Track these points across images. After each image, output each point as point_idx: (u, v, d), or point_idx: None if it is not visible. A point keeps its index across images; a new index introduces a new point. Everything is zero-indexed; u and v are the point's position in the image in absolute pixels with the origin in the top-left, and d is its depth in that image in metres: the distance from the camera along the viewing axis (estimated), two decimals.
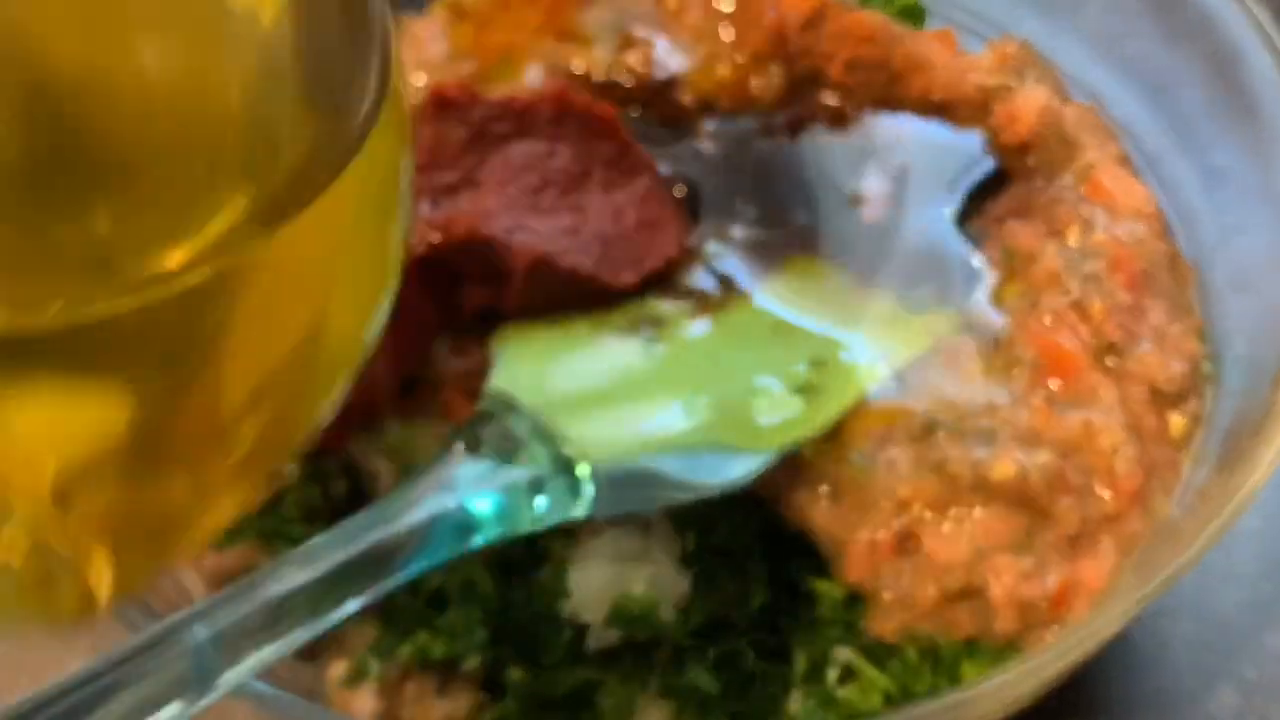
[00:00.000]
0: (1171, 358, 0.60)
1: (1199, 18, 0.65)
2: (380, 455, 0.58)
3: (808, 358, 0.57)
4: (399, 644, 0.58)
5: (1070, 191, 0.64)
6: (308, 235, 0.32)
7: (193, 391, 0.32)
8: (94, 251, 0.29)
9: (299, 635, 0.43)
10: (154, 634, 0.40)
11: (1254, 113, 0.63)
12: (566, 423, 0.52)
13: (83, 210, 0.29)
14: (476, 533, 0.49)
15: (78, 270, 0.29)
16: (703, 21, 0.68)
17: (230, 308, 0.31)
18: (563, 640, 0.59)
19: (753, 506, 0.58)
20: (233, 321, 0.31)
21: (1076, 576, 0.56)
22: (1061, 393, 0.58)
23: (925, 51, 0.66)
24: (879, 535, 0.56)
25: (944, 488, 0.56)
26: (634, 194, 0.60)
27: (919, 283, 0.61)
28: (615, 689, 0.59)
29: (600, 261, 0.58)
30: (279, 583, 0.43)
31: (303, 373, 0.35)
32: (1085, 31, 0.72)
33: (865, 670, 0.57)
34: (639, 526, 0.59)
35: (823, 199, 0.63)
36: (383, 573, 0.46)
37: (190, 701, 0.40)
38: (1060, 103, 0.66)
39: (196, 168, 0.31)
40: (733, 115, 0.66)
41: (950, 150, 0.65)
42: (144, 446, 0.31)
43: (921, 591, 0.55)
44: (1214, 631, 0.67)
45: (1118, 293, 0.60)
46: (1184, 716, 0.65)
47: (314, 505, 0.59)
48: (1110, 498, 0.57)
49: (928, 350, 0.59)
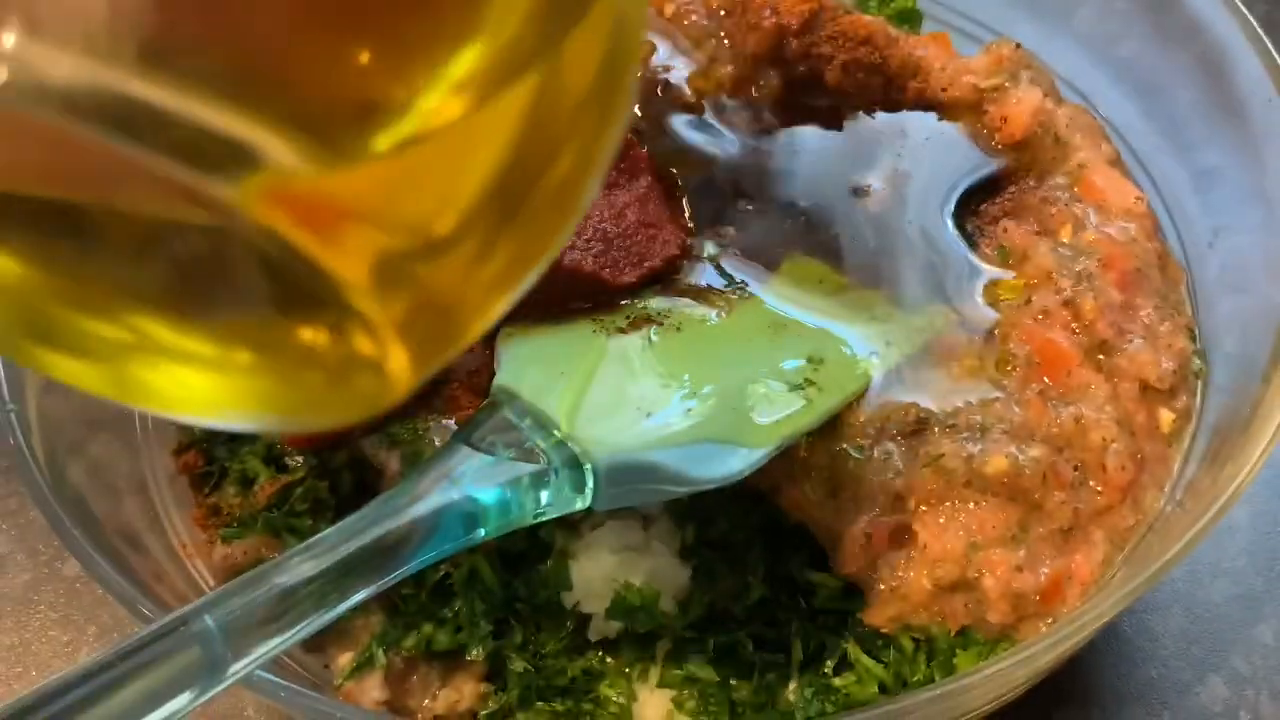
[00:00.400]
0: (1162, 355, 0.61)
1: (1190, 21, 0.66)
2: (386, 449, 0.59)
3: (805, 354, 0.58)
4: (404, 635, 0.59)
5: (1063, 191, 0.64)
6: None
7: (520, 145, 0.34)
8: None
9: (307, 626, 0.44)
10: (164, 624, 0.41)
11: (1244, 114, 0.63)
12: (569, 418, 0.52)
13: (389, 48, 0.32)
14: (481, 525, 0.49)
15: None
16: (701, 25, 0.68)
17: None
18: (565, 631, 0.59)
19: (751, 500, 0.59)
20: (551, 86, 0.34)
21: (1068, 569, 0.57)
22: (1054, 389, 0.59)
23: (921, 54, 0.66)
24: (875, 528, 0.56)
25: (938, 482, 0.56)
26: (634, 194, 0.60)
27: (914, 280, 0.62)
28: (616, 678, 0.60)
29: (601, 260, 0.58)
30: (287, 575, 0.44)
31: (597, 100, 0.36)
32: (1078, 34, 0.72)
33: (861, 660, 0.57)
34: (640, 520, 0.60)
35: (821, 198, 0.64)
36: (389, 565, 0.46)
37: (200, 691, 0.41)
38: (1053, 104, 0.67)
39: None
40: (732, 116, 0.66)
41: (946, 151, 0.66)
42: (474, 216, 0.34)
43: (916, 583, 0.56)
44: (1204, 624, 0.68)
45: (1109, 291, 0.61)
46: (1175, 707, 0.65)
47: (321, 499, 0.60)
48: (1102, 492, 0.58)
49: (923, 347, 0.59)
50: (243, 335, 0.37)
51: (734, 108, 0.66)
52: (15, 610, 0.71)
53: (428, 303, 0.35)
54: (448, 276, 0.35)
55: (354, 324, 0.34)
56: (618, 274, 0.59)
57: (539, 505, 0.50)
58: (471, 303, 0.37)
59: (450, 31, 0.32)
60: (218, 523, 0.61)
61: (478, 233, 0.35)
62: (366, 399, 0.37)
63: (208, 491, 0.62)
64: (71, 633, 0.70)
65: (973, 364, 0.59)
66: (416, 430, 0.58)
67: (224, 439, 0.63)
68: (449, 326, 0.37)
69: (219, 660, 0.41)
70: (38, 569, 0.73)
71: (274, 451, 0.61)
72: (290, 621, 0.44)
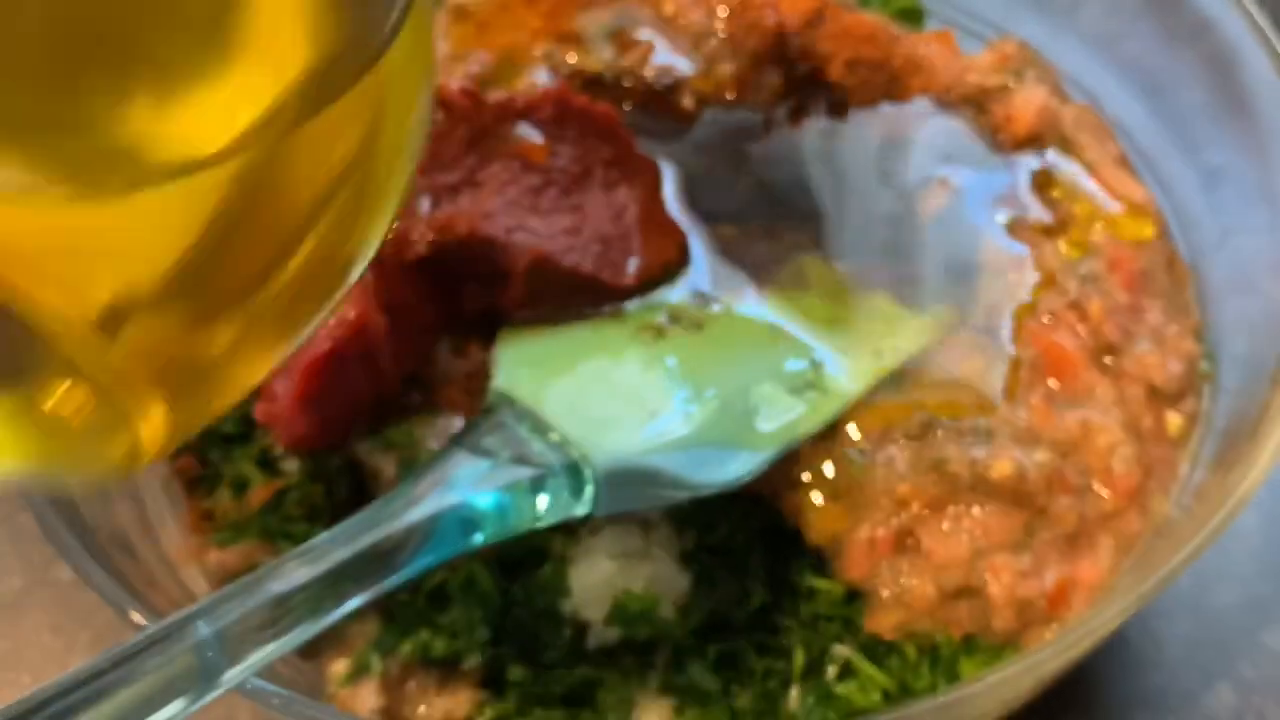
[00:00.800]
0: (1169, 357, 0.60)
1: (1197, 19, 0.65)
2: (382, 454, 0.59)
3: (807, 357, 0.58)
4: (400, 641, 0.58)
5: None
6: (335, 127, 0.33)
7: (242, 229, 0.32)
8: (133, 136, 0.30)
9: (301, 632, 0.44)
10: (157, 631, 0.41)
11: (1251, 113, 0.63)
12: (568, 422, 0.52)
13: (121, 96, 0.30)
14: (478, 531, 0.49)
15: (123, 153, 0.29)
16: (702, 23, 0.68)
17: (277, 169, 0.32)
18: (563, 638, 0.59)
19: (752, 505, 0.58)
20: (280, 172, 0.32)
21: (1074, 575, 0.56)
22: (1060, 392, 0.59)
23: (924, 52, 0.66)
24: (878, 533, 0.56)
25: (943, 486, 0.56)
26: (634, 194, 0.60)
27: (918, 281, 0.61)
28: (615, 686, 0.59)
29: (600, 261, 0.58)
30: (281, 580, 0.44)
31: (350, 197, 0.35)
32: (1084, 32, 0.72)
33: (864, 667, 0.57)
34: (639, 525, 0.59)
35: (822, 198, 0.64)
36: (384, 570, 0.46)
37: (193, 698, 0.40)
38: (1059, 103, 0.67)
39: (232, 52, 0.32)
40: (733, 116, 0.66)
41: (950, 149, 0.66)
42: (192, 277, 0.32)
43: (920, 589, 0.56)
44: (1211, 630, 0.67)
45: (1116, 292, 0.61)
46: (1182, 715, 0.65)
47: (316, 504, 0.60)
48: (1108, 496, 0.57)
49: (926, 349, 0.59)
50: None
51: (735, 107, 0.66)
52: (7, 615, 0.70)
53: (164, 359, 0.33)
54: (172, 335, 0.33)
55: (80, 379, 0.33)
56: (616, 275, 0.58)
57: (537, 510, 0.50)
58: (217, 367, 0.35)
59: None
60: (211, 528, 0.61)
61: (193, 298, 0.33)
62: (112, 461, 0.36)
63: (201, 496, 0.62)
64: (64, 639, 0.70)
65: (977, 367, 0.59)
66: (412, 434, 0.58)
67: (219, 441, 0.62)
68: (204, 385, 0.36)
69: (213, 667, 0.41)
70: (30, 574, 0.72)
71: (267, 455, 0.61)
72: (285, 628, 0.43)
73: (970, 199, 0.64)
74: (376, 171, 0.36)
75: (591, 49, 0.66)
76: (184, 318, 0.33)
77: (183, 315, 0.33)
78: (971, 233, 0.63)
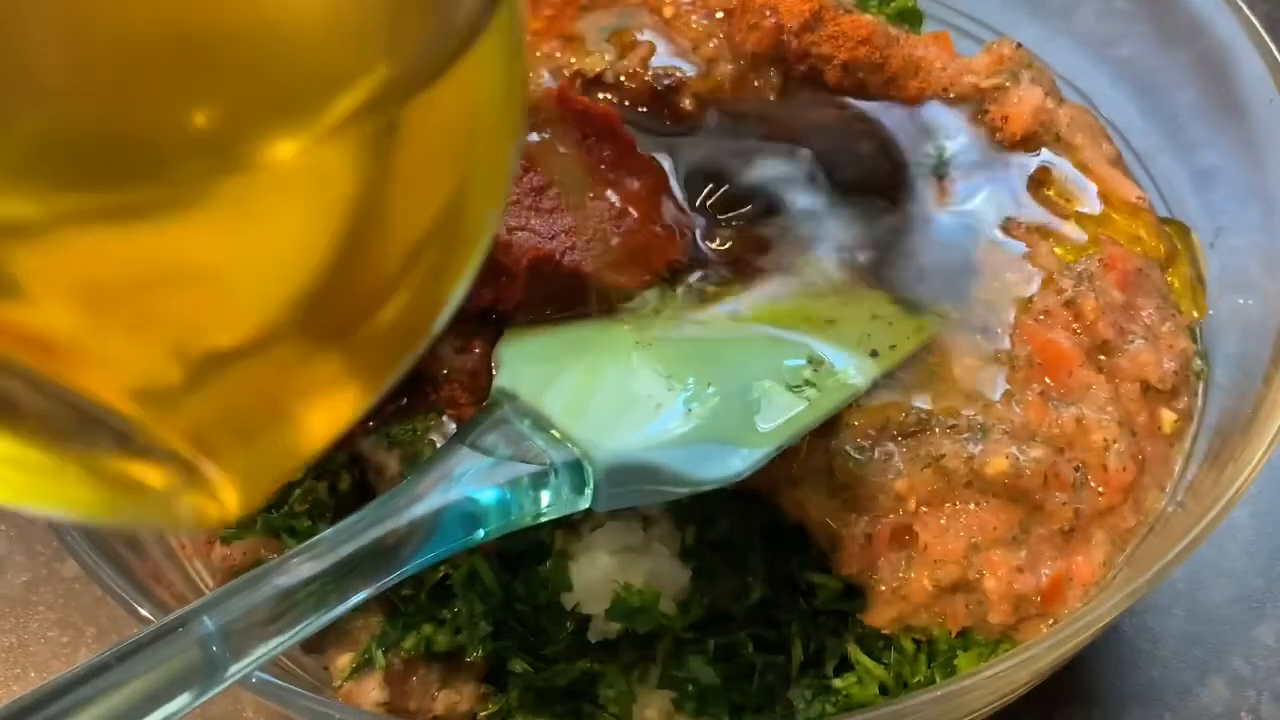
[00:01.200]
0: (1163, 355, 0.60)
1: (1190, 21, 0.66)
2: (386, 450, 0.59)
3: (805, 355, 0.58)
4: (404, 636, 0.59)
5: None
6: (439, 107, 0.32)
7: (346, 262, 0.32)
8: (223, 129, 0.30)
9: (306, 627, 0.44)
10: (163, 625, 0.41)
11: (1244, 114, 0.63)
12: (569, 419, 0.52)
13: (216, 89, 0.29)
14: (480, 526, 0.49)
15: (211, 148, 0.29)
16: (702, 25, 0.68)
17: (377, 177, 0.32)
18: (565, 632, 0.59)
19: (751, 501, 0.59)
20: (381, 191, 0.32)
21: (1069, 570, 0.57)
22: (1055, 389, 0.59)
23: (922, 53, 0.66)
24: (875, 529, 0.56)
25: (939, 482, 0.56)
26: (635, 194, 0.60)
27: (915, 280, 0.62)
28: (616, 680, 0.60)
29: (601, 261, 0.58)
30: (286, 575, 0.44)
31: (441, 240, 0.35)
32: (1079, 34, 0.72)
33: (862, 661, 0.57)
34: (640, 520, 0.60)
35: (821, 198, 0.64)
36: (388, 566, 0.46)
37: (198, 692, 0.40)
38: (1054, 103, 0.67)
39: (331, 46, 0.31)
40: (733, 116, 0.66)
41: (947, 150, 0.66)
42: (295, 308, 0.32)
43: (917, 584, 0.56)
44: (1205, 625, 0.68)
45: (1110, 291, 0.61)
46: (1175, 708, 0.65)
47: (320, 499, 0.60)
48: (1103, 492, 0.58)
49: (923, 347, 0.59)
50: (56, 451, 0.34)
51: (734, 108, 0.66)
52: (14, 611, 0.71)
53: (230, 423, 0.33)
54: (263, 381, 0.33)
55: (146, 448, 0.32)
56: (617, 274, 0.59)
57: (539, 506, 0.50)
58: (298, 421, 0.35)
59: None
60: None
61: (293, 335, 0.33)
62: (197, 517, 0.36)
63: None
64: (70, 634, 0.70)
65: (973, 364, 0.59)
66: (416, 431, 0.58)
67: None
68: (273, 445, 0.35)
69: (218, 661, 0.41)
70: (36, 569, 0.72)
71: None
72: (289, 622, 0.44)
73: (967, 199, 0.64)
74: (465, 222, 0.36)
75: (593, 50, 0.67)
76: (280, 358, 0.33)
77: (279, 356, 0.33)
78: (968, 232, 0.63)
